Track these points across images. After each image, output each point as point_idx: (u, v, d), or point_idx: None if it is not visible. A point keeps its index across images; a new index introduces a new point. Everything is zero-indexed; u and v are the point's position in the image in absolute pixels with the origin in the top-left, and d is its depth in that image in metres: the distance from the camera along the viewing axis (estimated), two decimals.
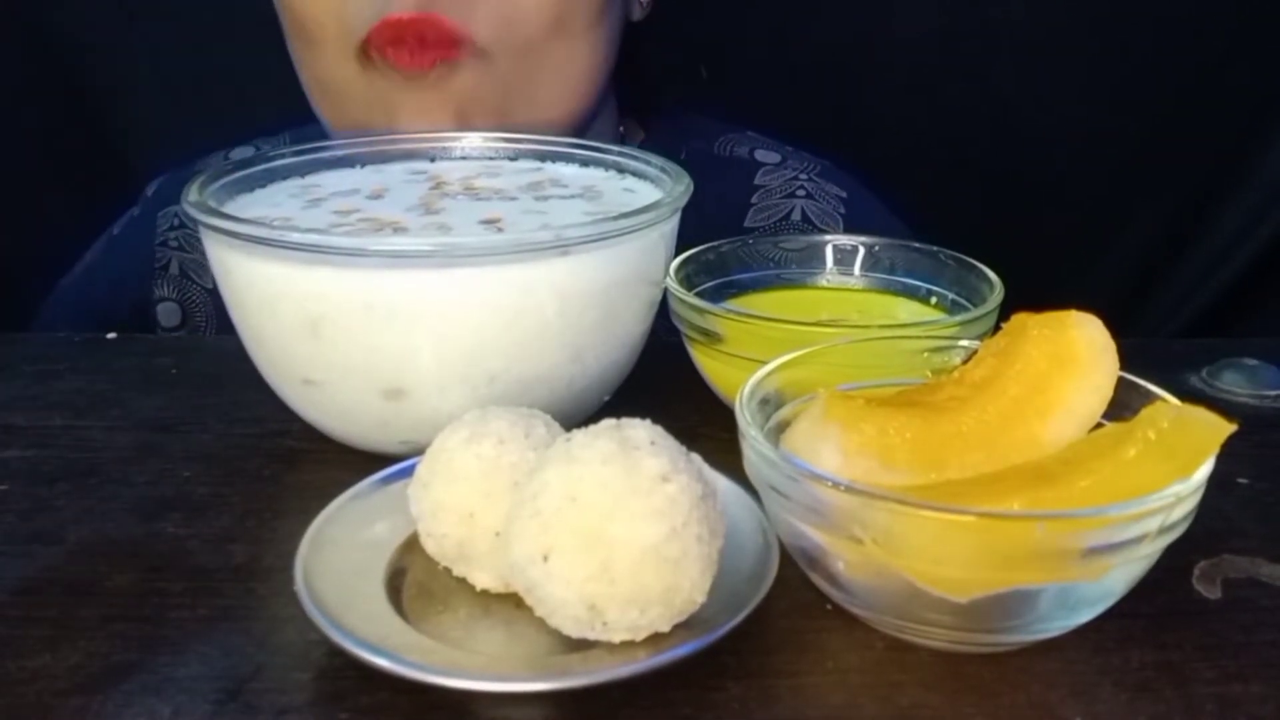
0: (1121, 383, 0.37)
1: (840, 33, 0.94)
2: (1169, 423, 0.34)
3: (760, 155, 0.76)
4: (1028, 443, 0.35)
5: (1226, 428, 0.33)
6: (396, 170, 0.54)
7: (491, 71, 0.61)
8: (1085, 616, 0.34)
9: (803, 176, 0.74)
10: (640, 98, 0.77)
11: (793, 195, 0.73)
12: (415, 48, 0.60)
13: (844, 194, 0.74)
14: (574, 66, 0.65)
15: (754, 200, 0.73)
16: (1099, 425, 0.37)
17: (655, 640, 0.32)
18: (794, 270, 0.54)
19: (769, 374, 0.38)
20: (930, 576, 0.32)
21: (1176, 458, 0.33)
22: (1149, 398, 0.37)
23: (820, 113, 0.88)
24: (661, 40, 0.74)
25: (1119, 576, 0.33)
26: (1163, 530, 0.32)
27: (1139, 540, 0.31)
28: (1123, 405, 0.37)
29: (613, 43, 0.68)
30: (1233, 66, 0.92)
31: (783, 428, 0.38)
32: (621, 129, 0.76)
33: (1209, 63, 0.92)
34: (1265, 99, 0.93)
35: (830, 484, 0.32)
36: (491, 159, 0.55)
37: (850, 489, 0.32)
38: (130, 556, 0.39)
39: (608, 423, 0.33)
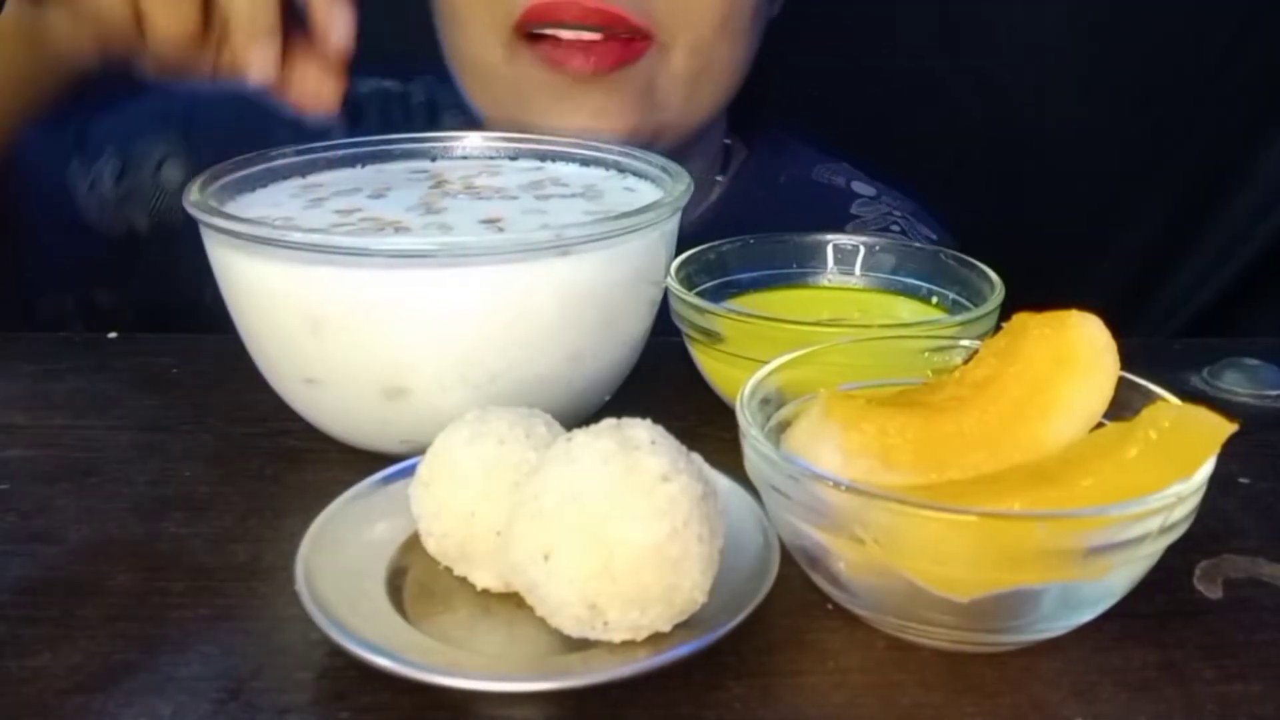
0: (1122, 383, 0.37)
1: (840, 34, 0.94)
2: (1170, 422, 0.34)
3: (857, 186, 0.77)
4: (1029, 442, 0.35)
5: (1228, 427, 0.33)
6: (398, 169, 0.54)
7: (668, 66, 0.63)
8: (1086, 616, 0.34)
9: (897, 213, 0.75)
10: (750, 114, 0.78)
11: (887, 229, 0.74)
12: (588, 48, 0.61)
13: (934, 236, 0.75)
14: (733, 64, 0.67)
15: (849, 229, 0.74)
16: (1100, 425, 0.37)
17: (656, 640, 0.32)
18: (794, 270, 0.54)
19: (770, 374, 0.39)
20: (932, 576, 0.32)
21: (1178, 458, 0.33)
22: (1150, 398, 0.37)
23: (821, 114, 0.88)
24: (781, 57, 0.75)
25: (1120, 576, 0.33)
26: (1164, 530, 0.32)
27: (1140, 540, 0.31)
28: (1124, 405, 0.37)
29: (759, 40, 0.69)
30: (1233, 66, 0.92)
31: (783, 427, 0.38)
32: (728, 142, 0.77)
33: (1209, 63, 0.92)
34: (1265, 99, 0.93)
35: (832, 484, 0.32)
36: (492, 158, 0.55)
37: (852, 489, 0.32)
38: (131, 556, 0.39)
39: (608, 422, 0.33)
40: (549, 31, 0.61)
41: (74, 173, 0.71)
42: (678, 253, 0.49)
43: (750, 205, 0.74)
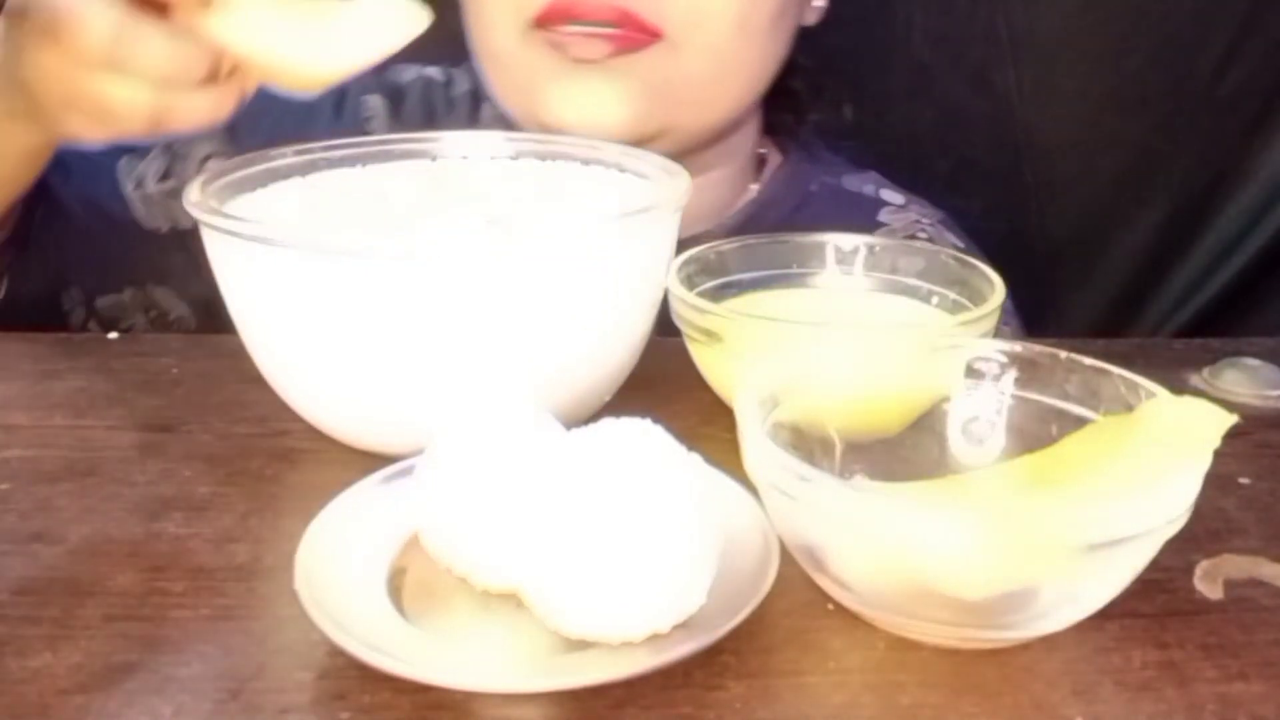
0: (1121, 382, 0.37)
1: (841, 34, 0.94)
2: (1171, 416, 0.34)
3: (885, 195, 0.77)
4: None
5: (1227, 419, 0.33)
6: (398, 170, 0.54)
7: (678, 64, 0.62)
8: (1088, 609, 0.34)
9: (924, 221, 0.75)
10: (783, 122, 0.78)
11: (914, 238, 0.73)
12: (594, 36, 0.61)
13: (960, 244, 0.75)
14: (751, 67, 0.66)
15: (877, 236, 0.74)
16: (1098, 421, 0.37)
17: (655, 640, 0.32)
18: (794, 270, 0.54)
19: (768, 373, 0.39)
20: (941, 575, 0.32)
21: (1179, 450, 0.33)
22: (1149, 396, 0.37)
23: (822, 113, 0.88)
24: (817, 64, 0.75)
25: (1124, 570, 0.33)
26: (1169, 522, 0.32)
27: (1147, 534, 0.31)
28: (1123, 404, 0.37)
29: (785, 48, 0.69)
30: (1233, 67, 0.92)
31: (783, 427, 0.38)
32: (762, 150, 0.77)
33: (1209, 63, 0.92)
34: (1265, 99, 0.93)
35: (838, 486, 0.32)
36: (493, 158, 0.55)
37: (859, 490, 0.32)
38: (131, 556, 0.39)
39: (607, 422, 0.33)
40: (564, 29, 0.62)
41: (122, 171, 0.72)
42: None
43: (781, 212, 0.74)
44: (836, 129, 0.82)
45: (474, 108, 0.77)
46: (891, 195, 0.77)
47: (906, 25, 0.94)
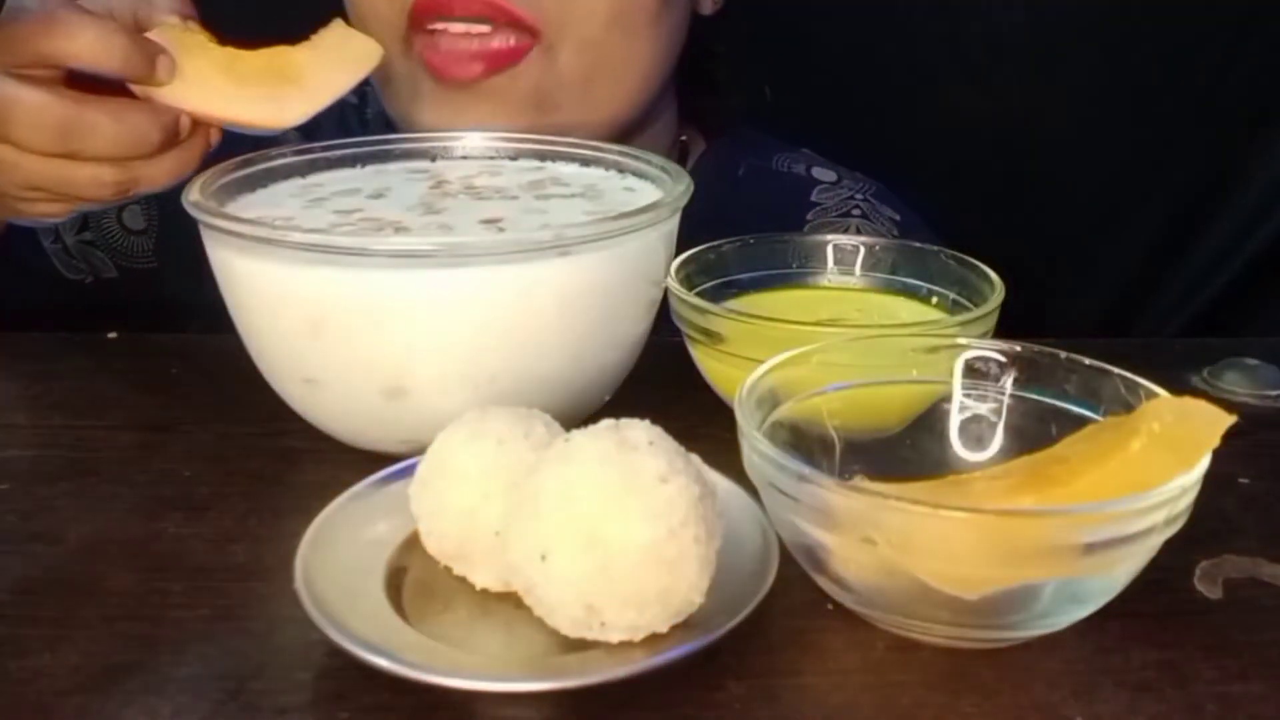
0: (1121, 382, 0.37)
1: (842, 35, 0.94)
2: (1171, 416, 0.34)
3: (817, 173, 0.77)
4: None
5: (1226, 419, 0.33)
6: (397, 169, 0.54)
7: (554, 68, 0.61)
8: (1088, 609, 0.34)
9: (858, 196, 0.74)
10: (705, 108, 0.77)
11: (848, 214, 0.73)
12: (471, 56, 0.60)
13: (897, 217, 0.74)
14: (633, 63, 0.65)
15: (810, 217, 0.73)
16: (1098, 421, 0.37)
17: (653, 640, 0.32)
18: (794, 270, 0.54)
19: (768, 373, 0.39)
20: (941, 575, 0.32)
21: (1179, 450, 0.33)
22: (1149, 395, 0.37)
23: (822, 114, 0.88)
24: (731, 51, 0.74)
25: (1124, 569, 0.33)
26: (1169, 522, 0.32)
27: (1147, 533, 0.31)
28: (1122, 404, 0.37)
29: (675, 41, 0.68)
30: (1233, 68, 0.92)
31: (782, 427, 0.38)
32: (684, 138, 0.77)
33: (1209, 64, 0.92)
34: (1265, 100, 0.93)
35: (837, 485, 0.32)
36: (492, 158, 0.55)
37: (854, 489, 0.32)
38: (131, 556, 0.39)
39: (607, 423, 0.33)
40: (439, 26, 0.60)
41: (40, 227, 0.71)
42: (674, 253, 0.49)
43: (709, 199, 0.73)
44: (831, 127, 0.82)
45: (388, 128, 0.76)
46: (823, 173, 0.77)
47: (907, 26, 0.94)
